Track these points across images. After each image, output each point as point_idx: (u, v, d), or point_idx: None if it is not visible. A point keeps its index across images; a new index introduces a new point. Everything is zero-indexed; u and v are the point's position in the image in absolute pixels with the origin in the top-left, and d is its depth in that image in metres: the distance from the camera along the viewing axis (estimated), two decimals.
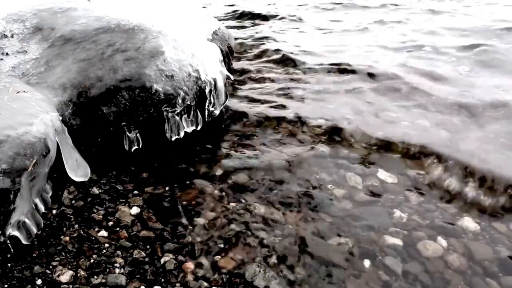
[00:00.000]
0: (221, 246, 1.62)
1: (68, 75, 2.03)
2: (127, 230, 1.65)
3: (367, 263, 1.56)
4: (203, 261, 1.54)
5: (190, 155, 2.19)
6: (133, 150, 2.07)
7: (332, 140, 2.37)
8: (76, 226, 1.63)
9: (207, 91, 2.27)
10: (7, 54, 2.20)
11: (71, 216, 1.68)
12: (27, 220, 1.49)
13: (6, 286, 1.34)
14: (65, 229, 1.61)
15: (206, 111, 2.33)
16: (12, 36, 2.32)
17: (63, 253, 1.50)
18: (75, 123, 1.92)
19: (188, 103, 2.16)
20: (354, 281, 1.48)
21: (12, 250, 1.42)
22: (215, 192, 1.92)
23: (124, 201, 1.81)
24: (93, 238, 1.58)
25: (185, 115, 2.18)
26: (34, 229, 1.53)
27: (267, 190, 1.95)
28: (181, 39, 2.33)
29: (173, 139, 2.17)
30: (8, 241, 1.39)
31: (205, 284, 1.44)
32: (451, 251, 1.62)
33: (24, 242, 1.47)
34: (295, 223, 1.75)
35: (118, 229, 1.65)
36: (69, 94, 1.96)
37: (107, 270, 1.45)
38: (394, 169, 2.10)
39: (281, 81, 3.20)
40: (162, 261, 1.52)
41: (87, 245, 1.55)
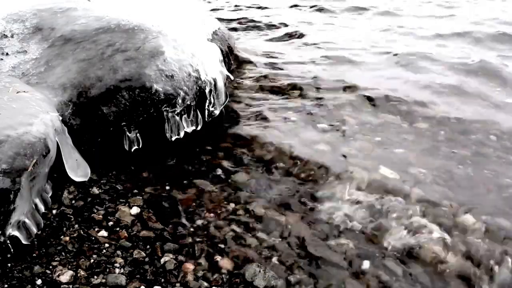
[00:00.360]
0: (221, 246, 1.62)
1: (68, 75, 2.03)
2: (127, 230, 1.65)
3: None
4: (203, 261, 1.54)
5: (190, 155, 2.18)
6: (133, 150, 2.07)
7: None
8: (76, 226, 1.63)
9: (207, 91, 2.27)
10: (7, 54, 2.20)
11: (71, 216, 1.68)
12: (27, 220, 1.48)
13: (6, 286, 1.34)
14: (65, 229, 1.61)
15: (206, 111, 2.33)
16: (12, 36, 2.32)
17: (63, 253, 1.50)
18: (75, 123, 1.92)
19: (188, 103, 2.16)
20: None
21: (12, 250, 1.42)
22: (215, 192, 1.92)
23: (124, 201, 1.81)
24: (93, 238, 1.58)
25: (185, 115, 2.18)
26: (34, 229, 1.53)
27: (267, 190, 1.95)
28: (181, 39, 2.33)
29: (173, 139, 2.17)
30: (8, 241, 1.39)
31: (205, 284, 1.44)
32: None
33: (24, 242, 1.46)
34: (295, 223, 1.75)
35: (118, 229, 1.65)
36: (69, 94, 1.96)
37: (107, 270, 1.45)
38: None
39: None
40: (162, 261, 1.52)
41: (87, 245, 1.55)
